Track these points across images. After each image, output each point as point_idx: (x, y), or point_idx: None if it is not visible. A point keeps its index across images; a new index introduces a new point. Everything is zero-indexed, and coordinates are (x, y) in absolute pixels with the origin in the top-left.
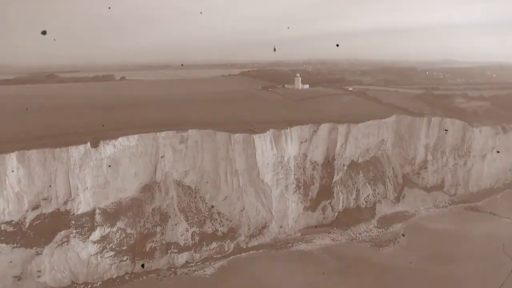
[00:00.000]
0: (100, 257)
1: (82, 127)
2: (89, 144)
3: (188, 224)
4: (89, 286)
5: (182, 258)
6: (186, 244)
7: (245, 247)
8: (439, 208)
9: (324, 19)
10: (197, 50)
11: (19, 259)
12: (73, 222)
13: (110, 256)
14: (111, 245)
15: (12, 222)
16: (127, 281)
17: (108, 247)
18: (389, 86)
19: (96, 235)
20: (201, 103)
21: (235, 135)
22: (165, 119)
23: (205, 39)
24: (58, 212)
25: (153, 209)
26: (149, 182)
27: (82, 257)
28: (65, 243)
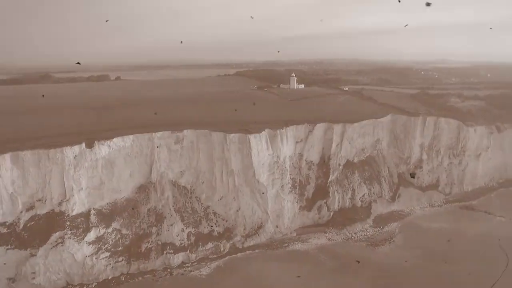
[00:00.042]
0: (96, 258)
1: (76, 127)
2: (84, 144)
3: (183, 224)
4: (84, 287)
5: (178, 258)
6: (182, 245)
7: (241, 247)
8: (434, 207)
9: (319, 19)
10: (192, 50)
11: (13, 261)
12: (68, 223)
13: (106, 257)
14: (106, 246)
15: (6, 224)
16: (123, 282)
17: (103, 248)
18: (385, 86)
19: (91, 236)
20: (196, 103)
21: (230, 135)
22: (161, 119)
23: (200, 39)
24: (53, 213)
25: (148, 209)
26: (144, 183)
27: (77, 258)
28: (60, 244)
